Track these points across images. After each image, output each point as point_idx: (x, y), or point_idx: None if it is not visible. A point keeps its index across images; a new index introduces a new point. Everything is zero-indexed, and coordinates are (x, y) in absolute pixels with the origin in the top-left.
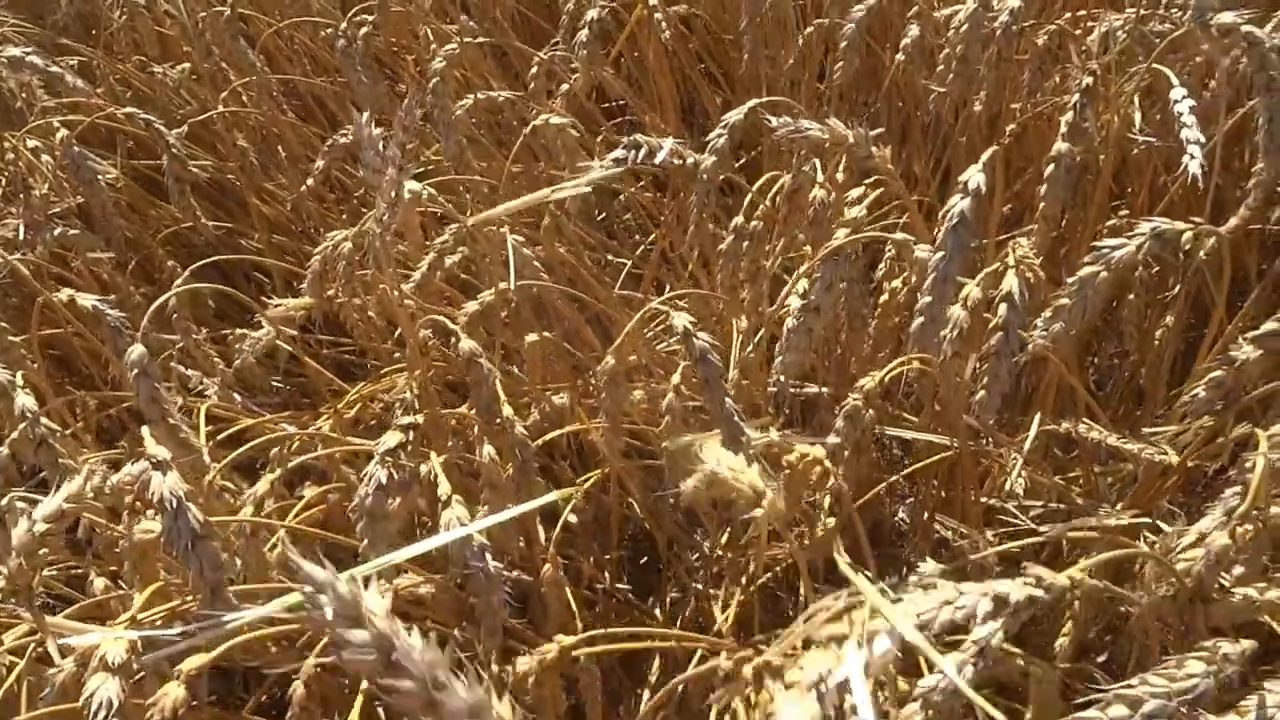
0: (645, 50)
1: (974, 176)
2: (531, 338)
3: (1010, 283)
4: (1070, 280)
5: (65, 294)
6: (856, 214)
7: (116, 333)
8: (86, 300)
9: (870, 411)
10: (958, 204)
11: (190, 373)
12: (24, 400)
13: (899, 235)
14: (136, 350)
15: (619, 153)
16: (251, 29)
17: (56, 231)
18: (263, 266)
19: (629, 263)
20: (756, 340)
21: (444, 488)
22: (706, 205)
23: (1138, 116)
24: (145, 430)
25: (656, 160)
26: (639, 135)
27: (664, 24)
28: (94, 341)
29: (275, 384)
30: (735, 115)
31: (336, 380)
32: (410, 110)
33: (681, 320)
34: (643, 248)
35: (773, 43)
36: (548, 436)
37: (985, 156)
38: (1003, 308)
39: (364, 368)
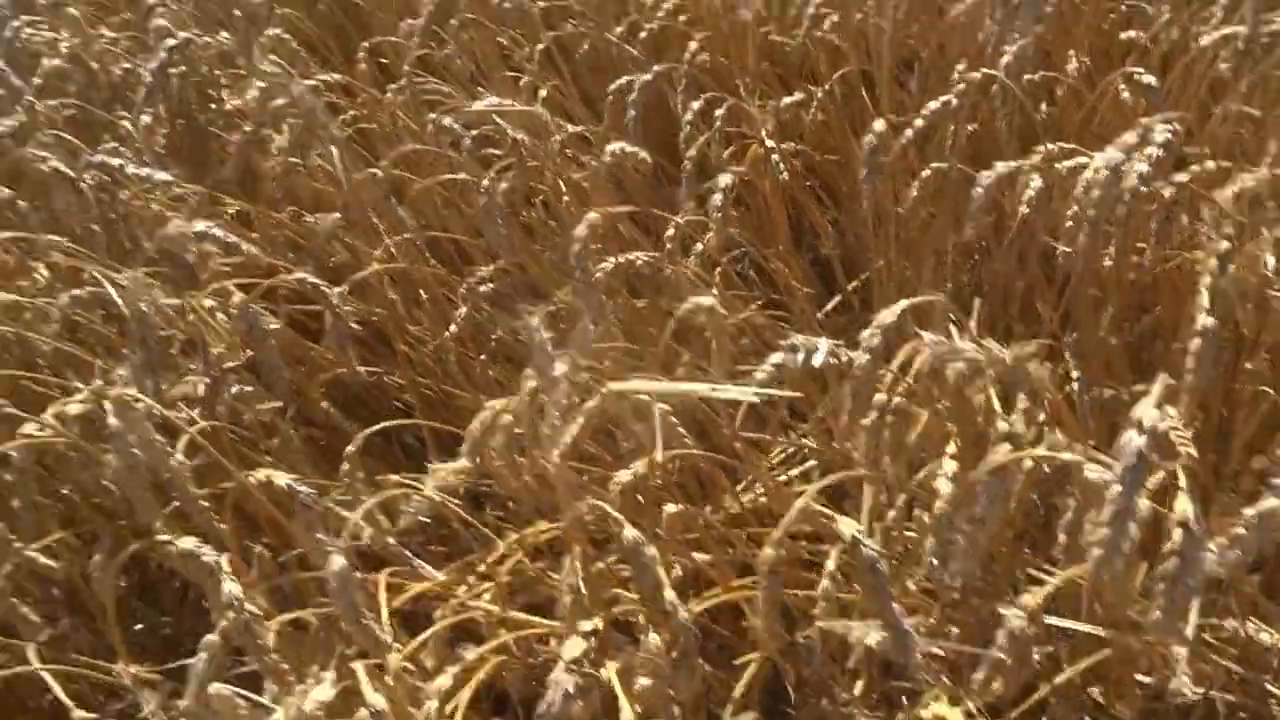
0: (758, 181)
1: (1150, 415)
2: (671, 509)
3: (1184, 506)
4: (1249, 513)
5: (262, 475)
6: (1016, 426)
7: (306, 508)
8: (281, 480)
9: (1033, 629)
10: (1133, 441)
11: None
12: (230, 587)
13: (1068, 455)
14: (338, 563)
15: (779, 357)
16: (398, 180)
17: (234, 390)
18: (408, 404)
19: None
20: (900, 506)
21: (626, 715)
22: (862, 402)
23: (1270, 260)
24: (359, 669)
25: (815, 363)
26: (797, 337)
27: (780, 164)
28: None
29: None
30: (888, 316)
31: (475, 522)
32: (585, 338)
33: (849, 529)
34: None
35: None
36: (704, 605)
37: (1156, 390)
38: (1177, 533)
39: (492, 496)
